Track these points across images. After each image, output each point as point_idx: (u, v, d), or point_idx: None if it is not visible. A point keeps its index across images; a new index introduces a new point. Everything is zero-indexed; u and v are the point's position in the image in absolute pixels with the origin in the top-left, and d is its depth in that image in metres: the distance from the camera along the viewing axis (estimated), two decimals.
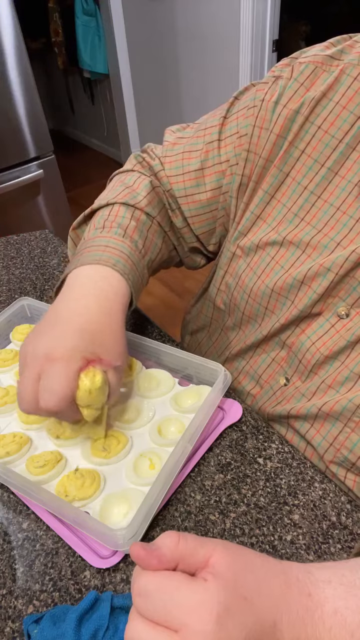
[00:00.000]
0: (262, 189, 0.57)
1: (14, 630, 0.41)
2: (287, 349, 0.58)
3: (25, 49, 1.79)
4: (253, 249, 0.59)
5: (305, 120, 0.52)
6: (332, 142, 0.51)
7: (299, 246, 0.54)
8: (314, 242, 0.53)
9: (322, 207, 0.53)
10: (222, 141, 0.61)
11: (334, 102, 0.51)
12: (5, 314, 0.68)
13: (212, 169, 0.61)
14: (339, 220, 0.51)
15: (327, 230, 0.52)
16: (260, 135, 0.56)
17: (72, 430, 0.53)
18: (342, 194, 0.51)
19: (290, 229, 0.55)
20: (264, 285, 0.57)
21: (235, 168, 0.59)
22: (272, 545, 0.45)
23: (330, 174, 0.52)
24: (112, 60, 3.01)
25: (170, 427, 0.55)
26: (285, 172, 0.55)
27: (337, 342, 0.51)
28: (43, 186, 2.09)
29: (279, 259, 0.56)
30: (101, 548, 0.45)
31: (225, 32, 2.25)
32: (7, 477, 0.47)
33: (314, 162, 0.52)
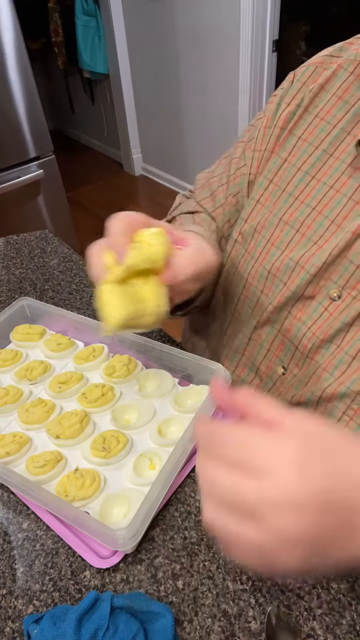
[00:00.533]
0: (263, 175, 0.60)
1: (14, 630, 0.41)
2: (281, 337, 0.59)
3: (25, 49, 1.79)
4: (251, 233, 0.61)
5: (304, 111, 0.56)
6: (327, 128, 0.54)
7: (294, 226, 0.56)
8: (308, 220, 0.55)
9: (316, 186, 0.54)
10: (237, 158, 0.66)
11: (331, 94, 0.54)
12: (5, 314, 0.69)
13: (228, 181, 0.66)
14: (333, 198, 0.53)
15: (321, 208, 0.54)
16: (264, 133, 0.60)
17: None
18: (335, 174, 0.53)
19: (285, 209, 0.57)
20: (261, 267, 0.59)
21: (244, 169, 0.63)
22: None
23: (324, 155, 0.54)
24: (112, 60, 3.01)
25: (170, 427, 0.55)
26: (284, 157, 0.58)
27: (332, 324, 0.52)
28: (43, 186, 2.09)
29: (274, 240, 0.58)
30: (101, 548, 0.45)
31: (225, 32, 2.25)
32: (7, 477, 0.47)
33: (309, 145, 0.55)
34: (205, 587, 0.43)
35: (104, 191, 3.37)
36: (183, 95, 2.70)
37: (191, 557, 0.45)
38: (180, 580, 0.43)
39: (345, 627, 0.40)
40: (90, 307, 0.78)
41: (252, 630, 0.40)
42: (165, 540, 0.46)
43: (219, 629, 0.40)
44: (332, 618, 0.40)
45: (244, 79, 2.29)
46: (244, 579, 0.43)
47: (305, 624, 0.40)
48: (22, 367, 0.64)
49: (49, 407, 0.58)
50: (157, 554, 0.45)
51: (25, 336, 0.68)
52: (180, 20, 2.46)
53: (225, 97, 2.42)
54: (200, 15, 2.33)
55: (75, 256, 0.92)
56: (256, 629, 0.40)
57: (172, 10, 2.46)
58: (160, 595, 0.43)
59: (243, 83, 2.30)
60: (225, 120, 2.50)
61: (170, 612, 0.39)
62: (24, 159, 1.98)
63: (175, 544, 0.46)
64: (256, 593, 0.42)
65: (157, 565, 0.45)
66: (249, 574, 0.44)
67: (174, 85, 2.73)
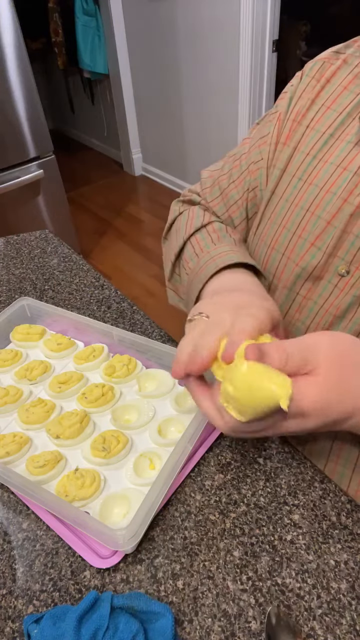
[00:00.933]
0: (276, 167, 0.61)
1: (14, 630, 0.41)
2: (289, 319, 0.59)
3: (25, 49, 1.79)
4: (263, 220, 0.62)
5: (311, 103, 0.58)
6: (334, 115, 0.56)
7: (304, 206, 0.57)
8: (317, 200, 0.56)
9: (323, 167, 0.56)
10: (246, 154, 0.67)
11: (336, 85, 0.56)
12: (5, 314, 0.68)
13: (240, 178, 0.67)
14: (340, 176, 0.54)
15: (329, 187, 0.55)
16: (279, 126, 0.62)
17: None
18: (341, 154, 0.54)
19: (295, 193, 0.58)
20: (274, 251, 0.60)
21: (261, 162, 0.64)
22: (272, 545, 0.45)
23: (331, 139, 0.56)
24: (112, 60, 3.01)
25: (170, 427, 0.55)
26: (293, 147, 0.59)
27: (344, 299, 0.53)
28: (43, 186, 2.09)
29: (285, 222, 0.59)
30: (101, 548, 0.45)
31: (225, 32, 2.25)
32: (7, 477, 0.47)
33: (316, 132, 0.57)
34: (205, 587, 0.43)
35: (104, 191, 3.37)
36: (183, 95, 2.70)
37: (191, 557, 0.45)
38: (180, 580, 0.43)
39: (345, 627, 0.40)
40: (90, 307, 0.78)
41: (252, 630, 0.40)
42: (165, 540, 0.46)
43: (219, 629, 0.40)
44: (332, 618, 0.40)
45: (244, 78, 2.29)
46: (244, 579, 0.43)
47: (305, 624, 0.40)
48: (22, 367, 0.64)
49: (49, 407, 0.58)
50: (157, 554, 0.45)
51: (25, 336, 0.68)
52: (180, 20, 2.46)
53: (225, 97, 2.42)
54: (200, 15, 2.33)
55: (75, 256, 0.92)
56: (256, 629, 0.40)
57: (172, 10, 2.46)
58: (160, 595, 0.43)
59: (243, 83, 2.30)
60: (225, 120, 2.50)
61: (170, 612, 0.39)
62: (24, 159, 1.98)
63: (175, 544, 0.46)
64: (256, 593, 0.42)
65: (157, 565, 0.45)
66: (249, 574, 0.44)
67: (173, 85, 2.73)
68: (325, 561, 0.44)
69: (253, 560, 0.44)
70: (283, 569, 0.44)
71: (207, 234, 0.64)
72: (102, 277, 0.86)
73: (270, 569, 0.44)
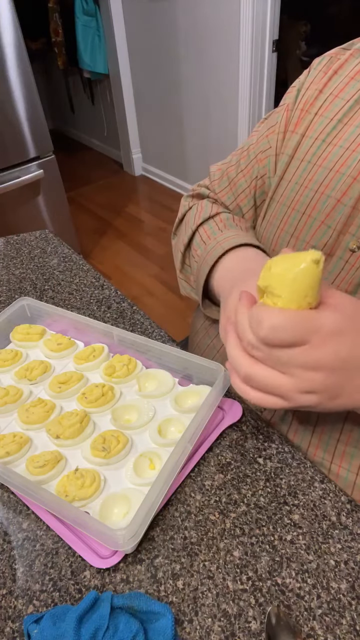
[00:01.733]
0: (285, 153, 0.62)
1: (14, 630, 0.41)
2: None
3: (25, 49, 1.79)
4: (272, 205, 0.63)
5: (319, 93, 0.59)
6: (341, 103, 0.57)
7: (313, 188, 0.58)
8: (327, 181, 0.56)
9: (332, 151, 0.57)
10: (254, 144, 0.68)
11: (344, 76, 0.58)
12: (5, 314, 0.69)
13: (248, 167, 0.68)
14: (350, 157, 0.55)
15: (338, 167, 0.55)
16: (287, 116, 0.63)
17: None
18: (350, 137, 0.55)
19: (304, 176, 0.59)
20: (283, 232, 0.60)
21: (270, 151, 0.65)
22: (272, 545, 0.45)
23: (339, 124, 0.56)
24: (112, 60, 3.01)
25: (170, 427, 0.55)
26: (301, 134, 0.60)
27: (356, 274, 0.53)
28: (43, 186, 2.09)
29: (294, 205, 0.59)
30: (101, 548, 0.45)
31: (225, 32, 2.25)
32: (7, 477, 0.47)
33: (324, 119, 0.58)
34: (205, 587, 0.43)
35: (104, 191, 3.38)
36: (183, 95, 2.70)
37: (191, 557, 0.45)
38: (180, 580, 0.43)
39: (345, 627, 0.40)
40: (90, 307, 0.78)
41: (252, 630, 0.40)
42: (165, 540, 0.46)
43: (219, 629, 0.40)
44: (332, 618, 0.41)
45: (244, 78, 2.29)
46: (244, 579, 0.43)
47: (305, 624, 0.40)
48: (22, 367, 0.64)
49: (49, 407, 0.58)
50: (157, 554, 0.45)
51: (25, 336, 0.68)
52: (180, 21, 2.46)
53: (225, 96, 2.42)
54: (200, 16, 2.33)
55: (75, 256, 0.92)
56: (256, 629, 0.40)
57: (172, 11, 2.46)
58: (160, 595, 0.43)
59: (243, 83, 2.30)
60: (225, 120, 2.50)
61: (170, 612, 0.39)
62: (24, 159, 1.98)
63: (175, 544, 0.46)
64: (256, 593, 0.42)
65: (157, 565, 0.45)
66: (249, 574, 0.44)
67: (174, 85, 2.73)
68: (325, 561, 0.44)
69: (253, 560, 0.44)
70: (283, 569, 0.44)
71: (215, 224, 0.66)
72: (102, 277, 0.86)
73: (270, 569, 0.44)
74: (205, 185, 0.75)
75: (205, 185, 0.75)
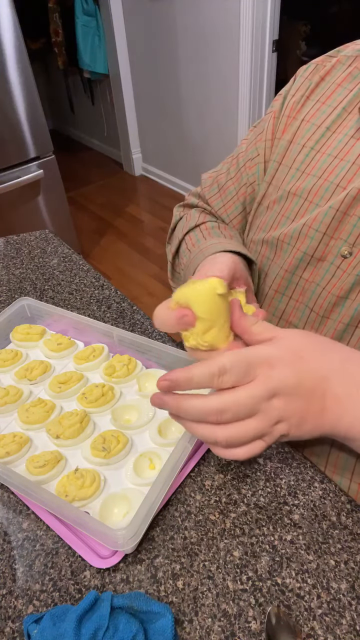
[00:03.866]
0: (272, 159, 0.63)
1: (14, 630, 0.41)
2: (293, 304, 0.60)
3: (25, 49, 1.79)
4: (263, 212, 0.63)
5: (306, 99, 0.60)
6: (329, 110, 0.58)
7: (301, 195, 0.58)
8: (315, 188, 0.57)
9: (320, 159, 0.57)
10: (243, 152, 0.69)
11: (331, 82, 0.58)
12: (5, 314, 0.69)
13: (238, 174, 0.69)
14: (338, 166, 0.55)
15: (327, 176, 0.56)
16: (274, 123, 0.63)
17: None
18: (339, 145, 0.56)
19: (292, 183, 0.59)
20: (270, 237, 0.61)
21: (258, 158, 0.66)
22: (272, 545, 0.45)
23: (328, 132, 0.57)
24: (112, 60, 3.01)
25: (170, 427, 0.55)
26: (288, 140, 0.61)
27: (347, 280, 0.53)
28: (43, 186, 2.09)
29: (284, 212, 0.60)
30: (101, 548, 0.45)
31: (225, 32, 2.25)
32: (7, 477, 0.47)
33: (312, 125, 0.59)
34: (205, 587, 0.43)
35: (104, 191, 3.38)
36: (183, 95, 2.70)
37: (191, 557, 0.45)
38: (180, 580, 0.43)
39: (345, 627, 0.40)
40: (90, 307, 0.78)
41: (252, 630, 0.40)
42: (165, 540, 0.46)
43: (219, 629, 0.40)
44: (332, 618, 0.41)
45: (244, 78, 2.29)
46: (244, 579, 0.43)
47: (305, 624, 0.40)
48: (22, 367, 0.64)
49: (49, 407, 0.58)
50: (157, 554, 0.45)
51: (25, 336, 0.68)
52: (180, 20, 2.46)
53: (225, 96, 2.42)
54: (200, 16, 2.33)
55: (75, 256, 0.92)
56: (256, 629, 0.40)
57: (172, 10, 2.46)
58: (160, 595, 0.43)
59: (243, 83, 2.30)
60: (225, 120, 2.50)
61: (170, 612, 0.39)
62: (24, 159, 1.98)
63: (175, 544, 0.46)
64: (256, 593, 0.42)
65: (157, 565, 0.45)
66: (249, 574, 0.44)
67: (174, 85, 2.73)
68: (325, 561, 0.44)
69: (253, 560, 0.44)
70: (283, 569, 0.44)
71: (200, 232, 0.67)
72: (102, 277, 0.86)
73: (270, 569, 0.44)
74: (196, 193, 0.76)
75: (196, 194, 0.76)
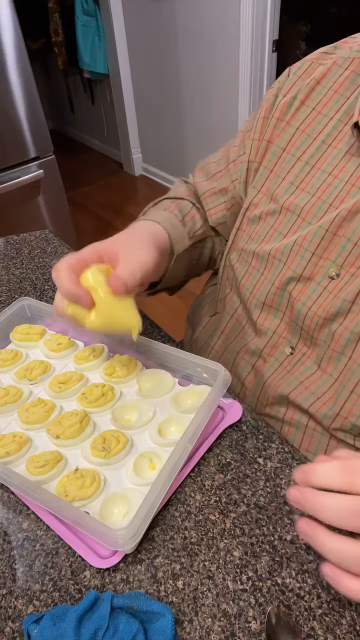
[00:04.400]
0: (263, 165, 0.62)
1: (14, 630, 0.41)
2: (286, 319, 0.60)
3: (25, 49, 1.79)
4: (255, 221, 0.63)
5: (301, 104, 0.58)
6: (324, 120, 0.56)
7: (295, 211, 0.58)
8: (308, 206, 0.56)
9: (315, 175, 0.56)
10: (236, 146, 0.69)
11: (327, 88, 0.56)
12: (5, 314, 0.69)
13: (227, 168, 0.69)
14: (331, 184, 0.55)
15: (320, 194, 0.56)
16: (262, 123, 0.62)
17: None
18: (333, 161, 0.55)
19: (286, 197, 0.59)
20: (262, 250, 0.60)
21: (243, 157, 0.65)
22: (272, 545, 0.45)
23: (323, 146, 0.56)
24: (112, 60, 3.01)
25: (170, 427, 0.55)
26: (282, 147, 0.60)
27: (333, 302, 0.53)
28: (43, 186, 2.09)
29: (277, 226, 0.60)
30: (101, 548, 0.45)
31: (225, 32, 2.25)
32: (7, 477, 0.47)
33: (307, 137, 0.57)
34: (205, 587, 0.43)
35: (104, 191, 3.38)
36: (183, 95, 2.70)
37: (191, 557, 0.45)
38: (180, 580, 0.43)
39: (345, 627, 0.40)
40: None
41: (252, 630, 0.40)
42: (165, 540, 0.46)
43: (219, 629, 0.40)
44: (332, 618, 0.41)
45: (244, 78, 2.29)
46: (244, 579, 0.43)
47: (305, 624, 0.40)
48: (22, 367, 0.64)
49: (49, 407, 0.58)
50: (157, 554, 0.45)
51: (25, 336, 0.68)
52: (180, 20, 2.46)
53: (225, 96, 2.42)
54: (200, 16, 2.33)
55: None
56: (256, 629, 0.40)
57: (172, 10, 2.46)
58: (160, 595, 0.43)
59: (243, 83, 2.30)
60: (225, 120, 2.50)
61: (170, 612, 0.39)
62: (24, 159, 1.98)
63: (175, 544, 0.46)
64: (256, 593, 0.42)
65: (157, 565, 0.45)
66: (249, 574, 0.44)
67: (174, 85, 2.73)
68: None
69: (253, 560, 0.44)
70: (283, 569, 0.44)
71: (171, 202, 0.70)
72: None
73: (270, 569, 0.44)
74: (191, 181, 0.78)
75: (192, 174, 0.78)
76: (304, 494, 0.36)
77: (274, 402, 0.60)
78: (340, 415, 0.53)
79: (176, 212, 0.68)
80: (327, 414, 0.54)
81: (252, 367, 0.64)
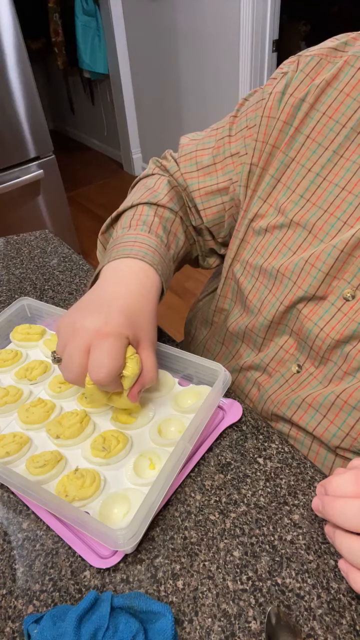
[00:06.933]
0: (269, 174, 0.58)
1: (14, 630, 0.41)
2: (295, 336, 0.58)
3: (25, 49, 1.79)
4: (261, 233, 0.60)
5: (310, 107, 0.54)
6: (336, 127, 0.52)
7: (306, 227, 0.55)
8: (320, 222, 0.53)
9: (327, 188, 0.53)
10: (233, 136, 0.63)
11: (338, 90, 0.52)
12: (5, 314, 0.69)
13: (223, 162, 0.64)
14: (345, 200, 0.52)
15: (333, 210, 0.52)
16: (267, 124, 0.58)
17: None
18: (347, 175, 0.52)
19: (296, 210, 0.56)
20: (270, 266, 0.58)
21: (245, 158, 0.61)
22: (272, 545, 0.45)
23: (335, 156, 0.53)
24: (112, 60, 3.02)
25: (170, 427, 0.55)
26: (291, 156, 0.56)
27: (347, 325, 0.51)
28: (43, 186, 2.09)
29: (286, 240, 0.57)
30: (101, 548, 0.45)
31: (225, 32, 2.25)
32: (7, 477, 0.47)
33: (319, 146, 0.54)
34: (205, 587, 0.43)
35: (104, 191, 3.38)
36: (183, 95, 2.70)
37: (191, 557, 0.45)
38: (180, 580, 0.43)
39: (345, 627, 0.40)
40: None
41: (252, 630, 0.40)
42: (165, 540, 0.46)
43: (219, 629, 0.40)
44: (332, 618, 0.41)
45: (244, 79, 2.29)
46: (244, 579, 0.43)
47: (305, 624, 0.40)
48: (22, 367, 0.64)
49: (49, 407, 0.58)
50: (157, 554, 0.45)
51: (25, 336, 0.68)
52: (180, 21, 2.46)
53: (225, 96, 2.43)
54: (200, 16, 2.33)
55: (75, 256, 0.92)
56: (256, 629, 0.40)
57: (172, 11, 2.47)
58: (160, 595, 0.43)
59: (243, 83, 2.30)
60: None
61: (170, 612, 0.39)
62: (24, 159, 1.98)
63: (175, 544, 0.46)
64: (256, 593, 0.42)
65: (157, 565, 0.45)
66: (249, 574, 0.44)
67: (174, 85, 2.73)
68: (325, 561, 0.44)
69: (253, 560, 0.44)
70: (283, 569, 0.44)
71: (154, 214, 0.62)
72: None
73: (270, 569, 0.44)
74: (175, 157, 0.70)
75: (175, 159, 0.70)
76: (322, 501, 0.41)
77: (277, 419, 0.60)
78: (349, 436, 0.52)
79: (161, 232, 0.61)
80: (336, 434, 0.53)
81: (255, 381, 0.63)
